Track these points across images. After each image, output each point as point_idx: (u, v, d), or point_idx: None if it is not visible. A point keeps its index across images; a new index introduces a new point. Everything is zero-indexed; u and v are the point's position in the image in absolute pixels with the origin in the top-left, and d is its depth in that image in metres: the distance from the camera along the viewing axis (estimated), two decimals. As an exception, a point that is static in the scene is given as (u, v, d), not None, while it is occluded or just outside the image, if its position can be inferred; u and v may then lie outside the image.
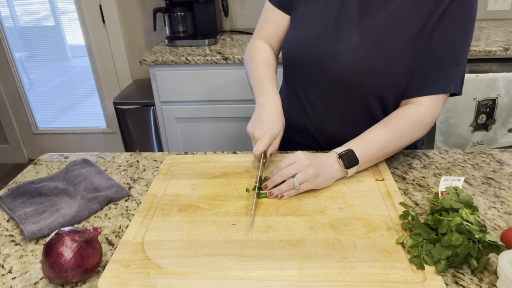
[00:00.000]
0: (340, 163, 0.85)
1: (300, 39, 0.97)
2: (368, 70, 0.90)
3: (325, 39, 0.93)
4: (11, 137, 2.95)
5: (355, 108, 0.97)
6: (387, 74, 0.90)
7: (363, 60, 0.90)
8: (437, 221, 0.68)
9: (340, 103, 0.98)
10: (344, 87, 0.94)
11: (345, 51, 0.91)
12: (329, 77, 0.94)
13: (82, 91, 2.89)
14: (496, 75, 1.75)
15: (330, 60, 0.93)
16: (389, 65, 0.89)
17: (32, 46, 2.74)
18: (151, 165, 1.02)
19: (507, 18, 2.29)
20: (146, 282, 0.63)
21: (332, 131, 1.02)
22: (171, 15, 2.16)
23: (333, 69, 0.93)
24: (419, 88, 0.90)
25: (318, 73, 0.96)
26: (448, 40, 0.87)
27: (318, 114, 1.02)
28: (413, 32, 0.87)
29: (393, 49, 0.88)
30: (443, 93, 0.89)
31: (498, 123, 1.87)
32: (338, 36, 0.92)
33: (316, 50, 0.94)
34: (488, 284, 0.62)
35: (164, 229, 0.76)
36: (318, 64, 0.94)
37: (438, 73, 0.88)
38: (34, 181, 0.91)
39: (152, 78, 2.01)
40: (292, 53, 0.99)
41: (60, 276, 0.63)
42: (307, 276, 0.63)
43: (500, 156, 0.98)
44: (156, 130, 2.24)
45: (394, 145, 0.89)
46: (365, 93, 0.94)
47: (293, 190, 0.82)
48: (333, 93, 0.97)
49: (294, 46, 0.98)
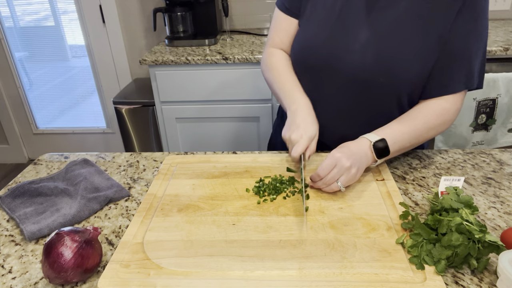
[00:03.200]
0: (372, 152, 0.85)
1: (309, 42, 0.96)
2: (381, 68, 0.89)
3: (335, 40, 0.92)
4: (11, 137, 2.95)
5: (369, 107, 0.96)
6: (402, 71, 0.89)
7: (376, 58, 0.88)
8: (437, 221, 0.68)
9: (353, 103, 0.96)
10: (358, 86, 0.93)
11: (356, 51, 0.90)
12: (341, 77, 0.93)
13: (82, 91, 2.89)
14: (496, 75, 1.76)
15: (342, 60, 0.92)
16: (404, 62, 0.88)
17: (32, 46, 2.74)
18: (151, 165, 1.02)
19: (507, 18, 2.29)
20: (146, 282, 0.63)
21: (342, 131, 1.01)
22: (171, 15, 2.15)
23: (345, 69, 0.92)
24: (442, 87, 0.90)
25: (329, 74, 0.95)
26: (467, 36, 0.86)
27: (329, 115, 1.00)
28: (429, 28, 0.86)
29: (407, 46, 0.87)
30: (465, 89, 0.91)
31: (498, 123, 1.87)
32: (348, 35, 0.91)
33: (326, 51, 0.93)
34: (488, 284, 0.62)
35: (164, 229, 0.76)
36: (328, 65, 0.94)
37: (460, 71, 0.88)
38: (34, 181, 0.91)
39: (152, 78, 2.01)
40: (302, 56, 0.99)
41: (60, 276, 0.63)
42: (307, 276, 0.63)
43: (500, 156, 0.98)
44: (156, 130, 2.24)
45: (422, 137, 0.90)
46: (379, 92, 0.93)
47: (339, 192, 0.83)
48: (346, 93, 0.95)
49: (304, 49, 0.98)
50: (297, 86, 1.00)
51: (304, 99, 0.96)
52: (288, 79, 1.01)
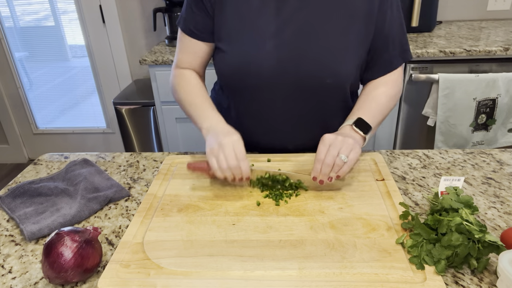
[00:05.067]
0: (357, 131, 0.88)
1: (239, 61, 0.92)
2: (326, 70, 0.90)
3: (269, 54, 0.89)
4: (11, 137, 2.95)
5: (320, 109, 0.98)
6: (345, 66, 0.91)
7: (317, 62, 0.89)
8: (437, 221, 0.68)
9: (300, 108, 0.96)
10: (306, 92, 0.93)
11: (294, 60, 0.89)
12: (287, 87, 0.92)
13: (82, 91, 2.89)
14: (496, 75, 1.76)
15: (282, 72, 0.90)
16: (344, 57, 0.90)
17: (32, 46, 2.74)
18: (151, 165, 1.02)
19: (507, 18, 2.29)
20: (146, 282, 0.63)
21: (299, 137, 1.01)
22: (171, 15, 2.15)
23: (287, 79, 0.91)
24: (385, 66, 0.96)
25: (272, 87, 0.93)
26: (393, 17, 0.92)
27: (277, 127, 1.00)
28: (355, 17, 0.89)
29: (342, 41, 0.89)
30: (404, 62, 0.98)
31: (498, 123, 1.87)
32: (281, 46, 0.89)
33: (264, 67, 0.90)
34: (488, 284, 0.62)
35: (164, 229, 0.76)
36: (270, 79, 0.91)
37: (395, 49, 0.95)
38: (34, 181, 0.91)
39: (152, 78, 2.01)
40: (240, 78, 0.94)
41: (60, 276, 0.63)
42: (307, 276, 0.63)
43: (500, 156, 0.98)
44: (156, 130, 2.24)
45: (387, 108, 0.96)
46: (327, 92, 0.94)
47: (346, 166, 0.79)
48: (295, 101, 0.95)
49: (238, 69, 0.92)
50: (210, 104, 0.94)
51: (217, 116, 0.91)
52: (200, 99, 0.96)
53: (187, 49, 1.00)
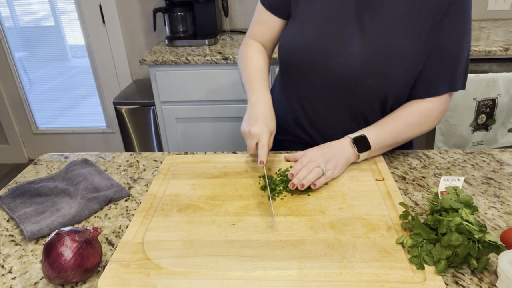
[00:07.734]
0: (353, 147, 0.89)
1: (300, 41, 0.96)
2: (372, 72, 0.90)
3: (326, 41, 0.93)
4: (11, 137, 2.95)
5: (356, 108, 0.98)
6: (392, 75, 0.90)
7: (366, 61, 0.90)
8: (437, 221, 0.68)
9: (341, 103, 0.98)
10: (347, 88, 0.94)
11: (346, 53, 0.91)
12: (331, 78, 0.94)
13: (82, 91, 2.88)
14: (496, 75, 1.75)
15: (332, 62, 0.92)
16: (394, 66, 0.89)
17: (32, 46, 2.74)
18: (151, 165, 1.02)
19: (507, 18, 2.29)
20: (146, 282, 0.63)
21: (330, 131, 1.02)
22: (171, 15, 2.16)
23: (335, 71, 0.93)
24: (427, 89, 0.92)
25: (319, 74, 0.95)
26: (453, 38, 0.88)
27: (317, 113, 1.02)
28: (417, 32, 0.87)
29: (397, 49, 0.88)
30: (450, 91, 0.93)
31: (498, 123, 1.87)
32: (340, 37, 0.92)
33: (317, 52, 0.93)
34: (488, 284, 0.62)
35: (164, 229, 0.76)
36: (319, 66, 0.94)
37: (445, 74, 0.91)
38: (34, 181, 0.91)
39: (152, 78, 2.01)
40: (292, 55, 0.98)
41: (60, 276, 0.63)
42: (307, 276, 0.63)
43: (500, 156, 0.98)
44: (156, 130, 2.24)
45: (405, 135, 0.94)
46: (366, 94, 0.95)
47: (323, 178, 0.84)
48: (334, 94, 0.97)
49: (294, 49, 0.97)
50: (264, 80, 1.00)
51: (265, 93, 0.96)
52: (256, 72, 1.01)
53: (262, 22, 1.05)
